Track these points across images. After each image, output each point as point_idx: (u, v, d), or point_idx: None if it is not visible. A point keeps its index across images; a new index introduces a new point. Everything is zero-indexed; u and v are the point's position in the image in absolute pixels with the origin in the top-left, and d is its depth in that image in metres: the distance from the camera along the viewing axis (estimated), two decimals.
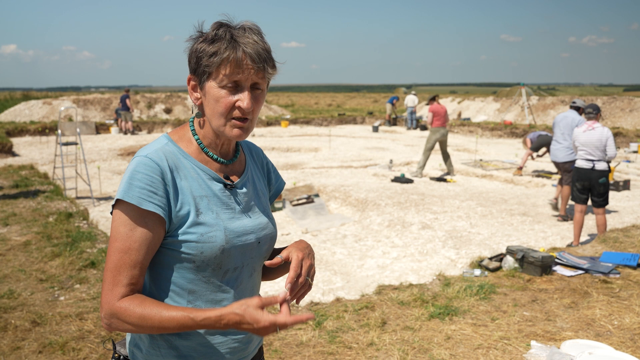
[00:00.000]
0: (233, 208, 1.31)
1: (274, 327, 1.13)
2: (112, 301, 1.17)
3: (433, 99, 11.40)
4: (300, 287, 1.26)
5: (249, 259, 1.33)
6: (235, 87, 1.22)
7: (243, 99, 1.21)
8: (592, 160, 6.03)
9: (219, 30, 1.21)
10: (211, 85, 1.22)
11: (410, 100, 22.84)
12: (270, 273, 1.48)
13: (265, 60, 1.22)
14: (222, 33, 1.21)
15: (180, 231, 1.23)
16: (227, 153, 1.35)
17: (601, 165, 6.00)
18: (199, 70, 1.23)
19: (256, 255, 1.35)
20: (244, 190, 1.35)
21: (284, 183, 1.57)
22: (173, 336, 1.27)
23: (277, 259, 1.27)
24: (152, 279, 1.28)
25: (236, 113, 1.23)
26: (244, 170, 1.39)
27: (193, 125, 1.33)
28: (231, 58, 1.19)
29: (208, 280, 1.27)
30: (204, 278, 1.27)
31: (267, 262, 1.27)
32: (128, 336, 1.37)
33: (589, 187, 6.11)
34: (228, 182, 1.31)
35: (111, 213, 1.24)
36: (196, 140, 1.30)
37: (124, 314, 1.16)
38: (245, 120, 1.25)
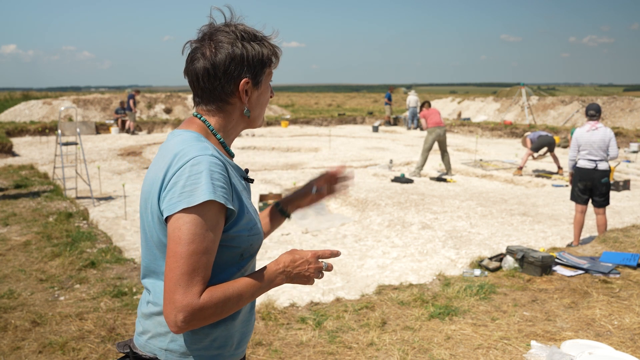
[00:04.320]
0: (250, 199, 1.39)
1: (317, 260, 1.29)
2: (194, 301, 1.13)
3: (422, 106, 11.56)
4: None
5: None
6: None
7: (271, 89, 1.41)
8: (595, 161, 6.03)
9: (260, 33, 1.33)
10: (263, 83, 1.35)
11: (413, 100, 22.84)
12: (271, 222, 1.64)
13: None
14: (264, 36, 1.33)
15: (233, 226, 1.24)
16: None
17: (603, 165, 6.01)
18: (261, 72, 1.32)
19: None
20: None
21: None
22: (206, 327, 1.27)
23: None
24: None
25: None
26: None
27: (209, 123, 1.32)
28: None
29: (244, 273, 1.31)
30: (243, 269, 1.31)
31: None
32: (145, 336, 1.31)
33: (590, 187, 6.11)
34: (249, 177, 1.40)
35: (169, 217, 1.17)
36: (218, 139, 1.33)
37: (207, 305, 1.15)
38: None
